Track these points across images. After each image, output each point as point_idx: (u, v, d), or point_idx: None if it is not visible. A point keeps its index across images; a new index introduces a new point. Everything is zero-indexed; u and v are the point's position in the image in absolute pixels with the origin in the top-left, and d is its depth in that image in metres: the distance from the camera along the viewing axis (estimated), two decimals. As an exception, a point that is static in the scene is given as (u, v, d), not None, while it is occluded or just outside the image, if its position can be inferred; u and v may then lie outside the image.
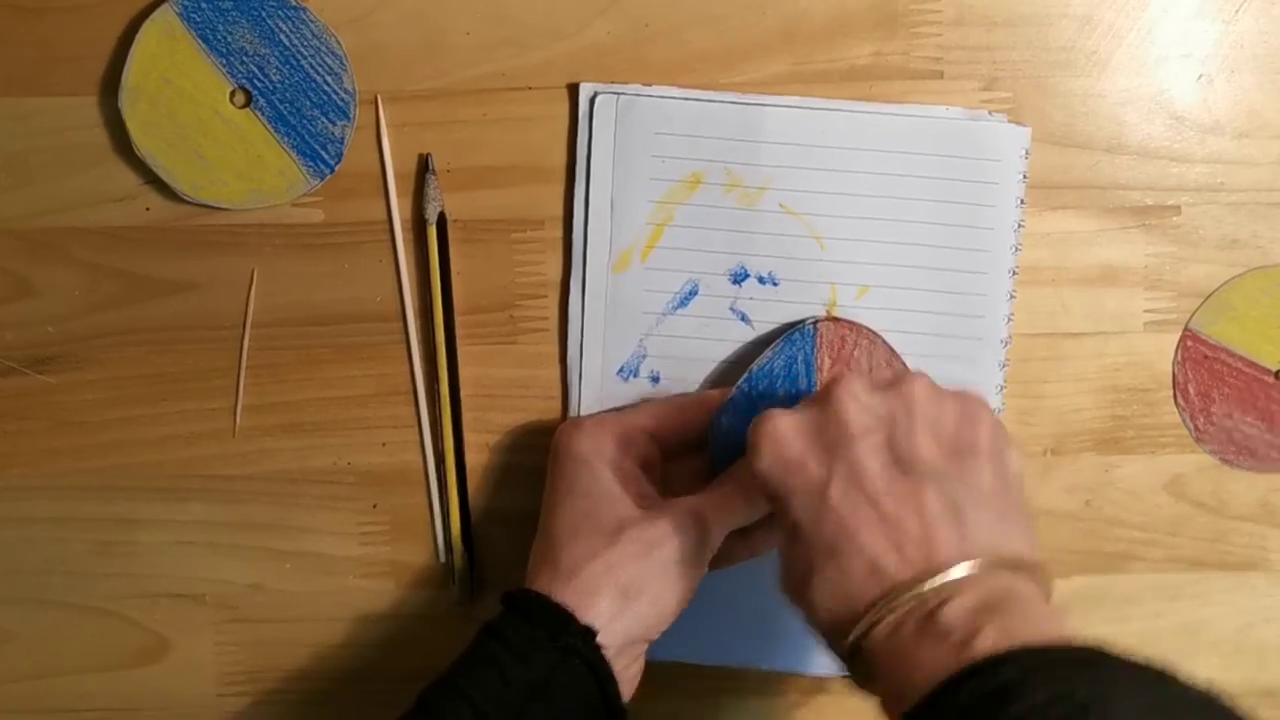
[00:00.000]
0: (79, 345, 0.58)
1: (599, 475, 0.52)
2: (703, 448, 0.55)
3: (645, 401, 0.57)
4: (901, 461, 0.45)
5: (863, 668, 0.44)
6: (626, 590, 0.49)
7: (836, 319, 0.56)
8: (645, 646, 0.51)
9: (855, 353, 0.55)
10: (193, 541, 0.60)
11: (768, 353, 0.55)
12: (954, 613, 0.41)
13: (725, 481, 0.53)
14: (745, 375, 0.55)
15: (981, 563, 0.42)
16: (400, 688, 0.61)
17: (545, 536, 0.52)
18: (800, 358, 0.55)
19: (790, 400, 0.53)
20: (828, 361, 0.55)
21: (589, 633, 0.48)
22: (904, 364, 0.55)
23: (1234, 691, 0.61)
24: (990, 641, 0.39)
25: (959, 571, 0.42)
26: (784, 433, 0.46)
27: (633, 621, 0.49)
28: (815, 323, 0.55)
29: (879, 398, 0.46)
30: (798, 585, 0.45)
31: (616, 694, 0.49)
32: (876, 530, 0.43)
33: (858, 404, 0.46)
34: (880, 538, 0.43)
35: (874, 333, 0.55)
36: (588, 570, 0.49)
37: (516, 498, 0.59)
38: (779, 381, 0.55)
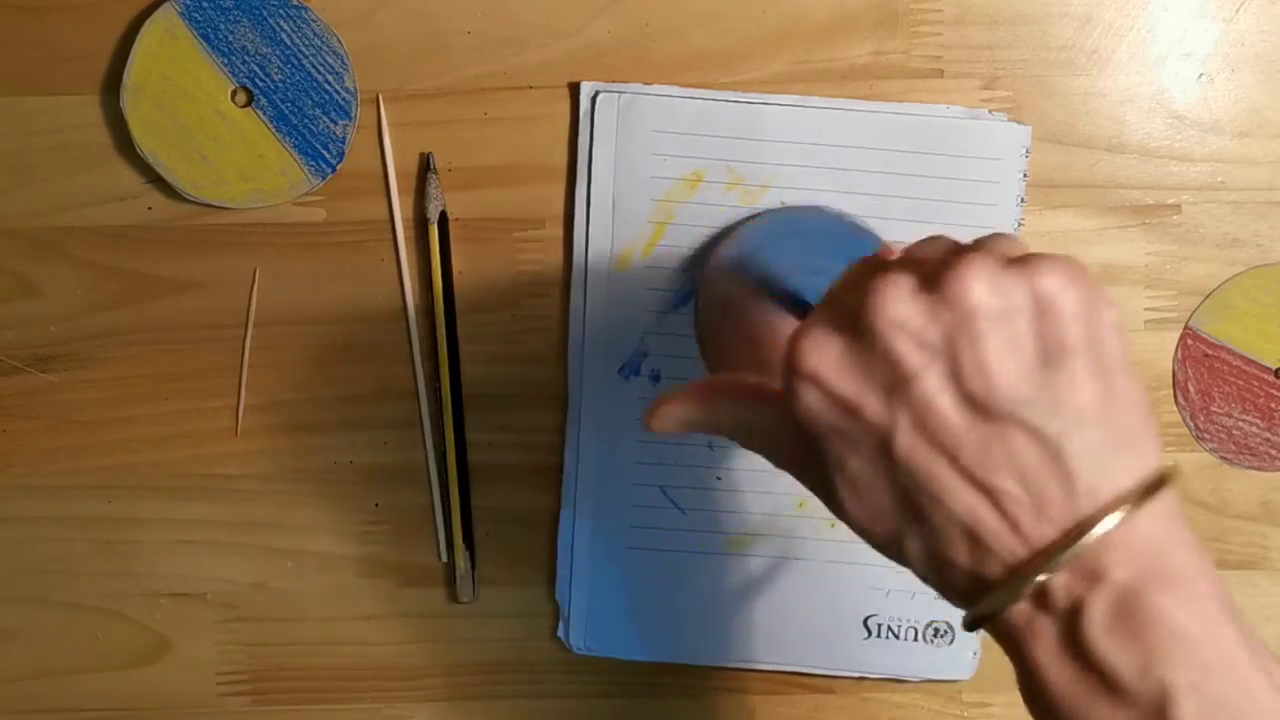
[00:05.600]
0: (81, 344, 0.58)
1: None
2: None
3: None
4: (975, 397, 0.35)
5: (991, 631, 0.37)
6: None
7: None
8: None
9: None
10: (194, 540, 0.60)
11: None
12: (1108, 643, 0.34)
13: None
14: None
15: (1104, 527, 0.35)
16: (401, 687, 0.61)
17: None
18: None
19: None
20: None
21: None
22: None
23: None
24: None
25: (1087, 542, 0.35)
26: (829, 367, 0.37)
27: None
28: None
29: (928, 316, 0.36)
30: (881, 544, 0.39)
31: None
32: (963, 491, 0.36)
33: (905, 332, 0.36)
34: (970, 499, 0.36)
35: None
36: None
37: (518, 497, 0.59)
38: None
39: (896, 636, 0.59)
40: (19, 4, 0.56)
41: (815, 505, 0.57)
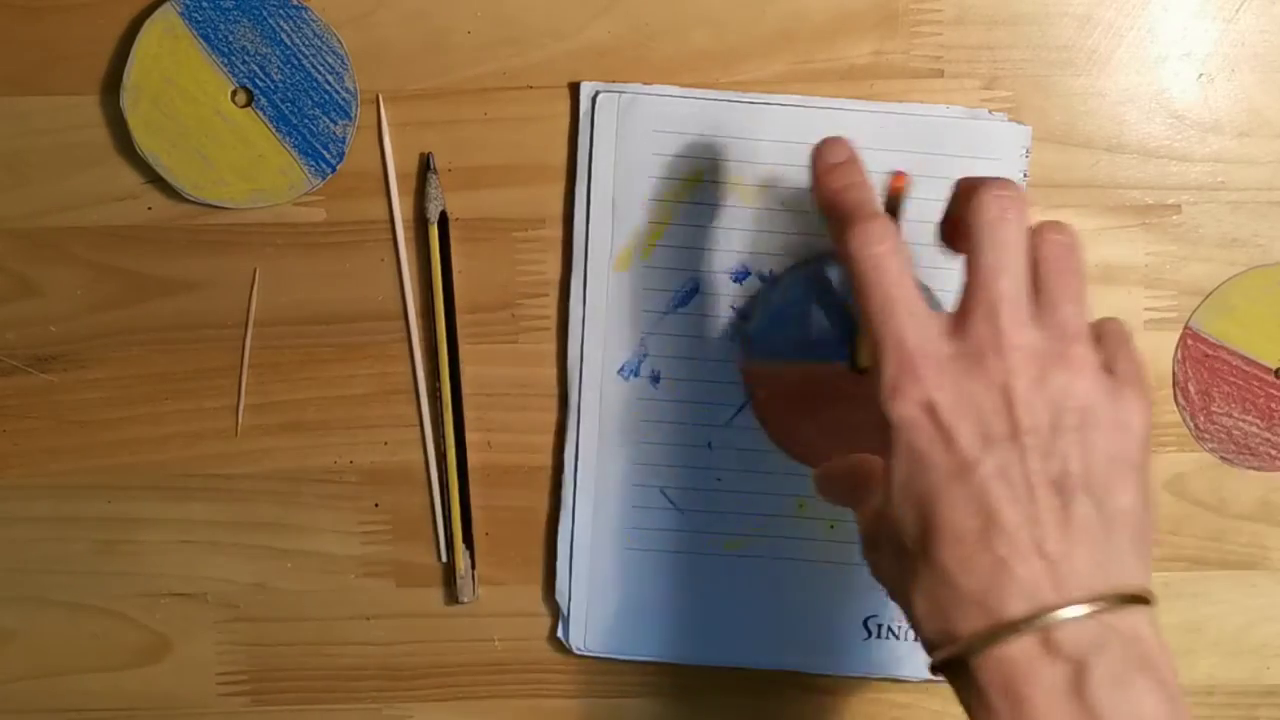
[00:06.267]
0: (81, 344, 0.58)
1: None
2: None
3: None
4: (1053, 470, 0.40)
5: (958, 676, 0.41)
6: None
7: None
8: None
9: None
10: (194, 541, 0.60)
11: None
12: (1100, 683, 0.38)
13: None
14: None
15: (1106, 602, 0.39)
16: (401, 687, 0.61)
17: None
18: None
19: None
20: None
21: None
22: None
23: (1235, 690, 0.61)
24: None
25: (1083, 609, 0.38)
26: (934, 389, 0.40)
27: None
28: None
29: (1044, 385, 0.40)
30: (896, 565, 0.42)
31: None
32: (1020, 518, 0.39)
33: (1028, 384, 0.40)
34: (1024, 527, 0.39)
35: None
36: None
37: (518, 497, 0.59)
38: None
39: (896, 637, 0.59)
40: (18, 4, 0.56)
41: (815, 505, 0.58)
